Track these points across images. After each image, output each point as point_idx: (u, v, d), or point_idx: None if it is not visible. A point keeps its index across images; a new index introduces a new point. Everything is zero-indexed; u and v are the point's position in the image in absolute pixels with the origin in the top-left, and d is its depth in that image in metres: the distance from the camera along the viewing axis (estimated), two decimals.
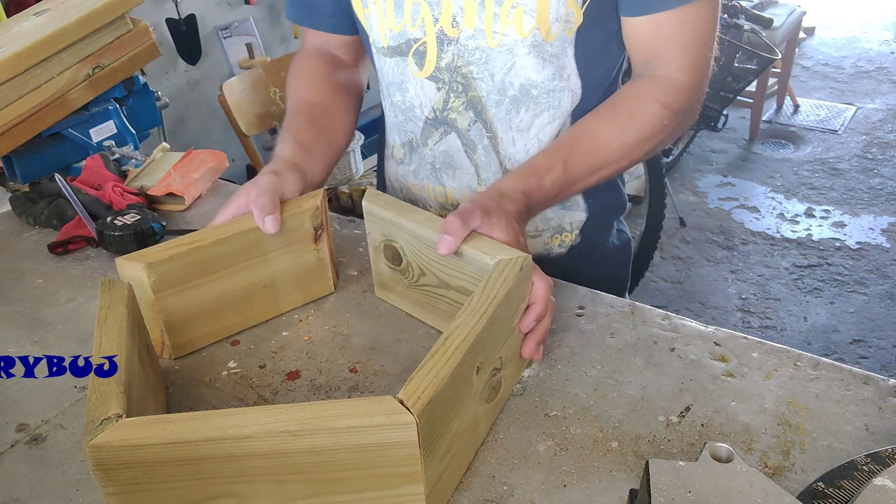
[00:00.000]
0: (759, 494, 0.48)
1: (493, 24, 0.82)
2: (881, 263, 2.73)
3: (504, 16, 0.81)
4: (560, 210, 0.96)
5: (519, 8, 0.80)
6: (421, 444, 0.51)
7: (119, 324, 0.62)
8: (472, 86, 0.87)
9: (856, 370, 0.69)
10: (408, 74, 0.89)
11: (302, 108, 0.94)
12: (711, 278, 2.72)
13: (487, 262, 0.67)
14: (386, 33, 0.88)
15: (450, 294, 0.74)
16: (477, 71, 0.85)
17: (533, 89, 0.86)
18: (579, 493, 0.58)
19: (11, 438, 0.68)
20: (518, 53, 0.83)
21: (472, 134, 0.90)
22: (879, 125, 3.74)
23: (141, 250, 0.73)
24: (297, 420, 0.50)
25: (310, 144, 0.88)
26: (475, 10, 0.81)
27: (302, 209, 0.79)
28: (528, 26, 0.81)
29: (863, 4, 5.39)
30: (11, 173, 1.19)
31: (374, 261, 0.82)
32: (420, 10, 0.84)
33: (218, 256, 0.75)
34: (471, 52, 0.84)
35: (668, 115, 0.82)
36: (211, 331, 0.78)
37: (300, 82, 0.98)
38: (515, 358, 0.68)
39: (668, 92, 0.82)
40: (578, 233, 0.99)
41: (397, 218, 0.74)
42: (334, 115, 0.95)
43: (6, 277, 0.95)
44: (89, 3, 1.17)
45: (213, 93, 2.87)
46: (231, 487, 0.53)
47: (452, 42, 0.84)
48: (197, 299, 0.76)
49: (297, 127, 0.90)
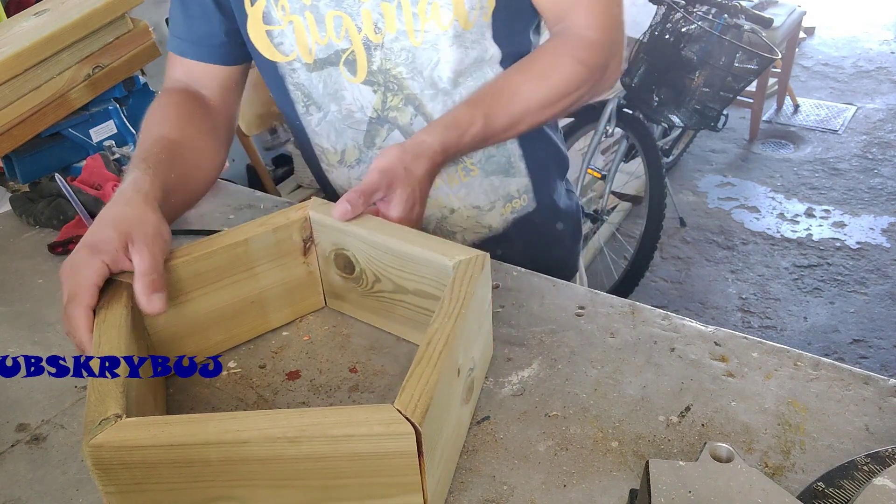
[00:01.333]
0: (759, 494, 0.48)
1: (413, 24, 0.84)
2: (881, 263, 2.73)
3: (422, 13, 0.83)
4: (504, 178, 0.99)
5: (435, 3, 0.82)
6: (420, 453, 0.50)
7: (118, 324, 0.62)
8: (404, 85, 0.89)
9: (856, 370, 0.69)
10: (342, 82, 0.90)
11: (162, 144, 0.81)
12: (711, 278, 2.72)
13: (446, 263, 0.66)
14: (313, 47, 0.87)
15: (407, 298, 0.73)
16: (406, 71, 0.88)
17: (461, 77, 0.89)
18: (579, 493, 0.58)
19: (12, 438, 0.68)
20: (441, 47, 0.85)
21: (415, 127, 0.92)
22: (880, 125, 3.74)
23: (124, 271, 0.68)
24: (295, 426, 0.50)
25: (169, 186, 0.76)
26: (394, 13, 0.83)
27: (290, 221, 0.75)
28: (447, 19, 0.83)
29: (863, 4, 5.39)
30: (11, 173, 1.19)
31: (324, 271, 0.80)
32: (343, 22, 0.85)
33: (203, 272, 0.72)
34: (397, 53, 0.86)
35: (585, 71, 0.84)
36: (198, 349, 0.75)
37: (160, 117, 0.86)
38: (484, 356, 0.69)
39: (581, 48, 0.84)
40: (531, 197, 1.03)
41: (347, 226, 0.73)
42: (197, 162, 0.85)
43: (6, 277, 0.95)
44: (89, 3, 1.16)
45: None
46: (229, 491, 0.53)
47: (378, 47, 0.86)
48: (182, 316, 0.72)
49: (157, 161, 0.77)
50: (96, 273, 0.64)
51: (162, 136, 0.82)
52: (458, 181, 0.98)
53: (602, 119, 2.50)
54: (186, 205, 0.83)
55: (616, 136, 2.57)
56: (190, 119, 0.87)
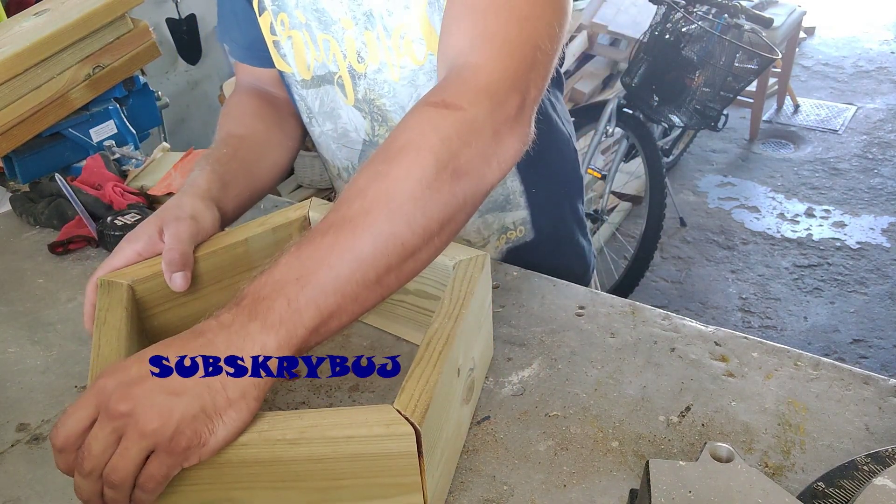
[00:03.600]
0: (759, 494, 0.48)
1: (391, 58, 0.80)
2: (881, 263, 2.73)
3: (396, 48, 0.78)
4: (500, 213, 0.92)
5: (407, 38, 0.77)
6: (420, 453, 0.50)
7: (118, 325, 0.62)
8: (388, 117, 0.85)
9: (856, 370, 0.69)
10: (338, 101, 0.88)
11: (228, 140, 0.85)
12: (711, 278, 2.72)
13: (446, 263, 0.67)
14: (311, 63, 0.86)
15: (408, 299, 0.73)
16: (389, 104, 0.84)
17: None
18: (579, 492, 0.58)
19: (12, 438, 0.68)
20: (419, 83, 0.81)
21: None
22: (880, 125, 3.74)
23: (124, 268, 0.69)
24: (294, 428, 0.50)
25: (229, 178, 0.79)
26: (376, 44, 0.80)
27: (289, 221, 0.76)
28: (421, 54, 0.78)
29: (863, 4, 5.39)
30: (12, 173, 1.19)
31: None
32: (330, 46, 0.83)
33: (204, 272, 0.72)
34: (380, 85, 0.83)
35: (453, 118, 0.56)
36: None
37: (228, 118, 0.89)
38: (484, 356, 0.69)
39: (444, 88, 0.59)
40: (528, 228, 0.94)
41: None
42: (261, 152, 0.87)
43: (6, 277, 0.95)
44: (89, 3, 1.17)
45: (214, 93, 2.87)
46: (228, 493, 0.52)
47: (362, 77, 0.83)
48: (183, 317, 0.72)
49: (218, 156, 0.81)
50: (124, 260, 0.69)
51: (227, 133, 0.86)
52: None
53: (602, 119, 2.50)
54: (253, 194, 0.84)
55: (616, 135, 2.57)
56: (255, 114, 0.90)
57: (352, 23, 0.79)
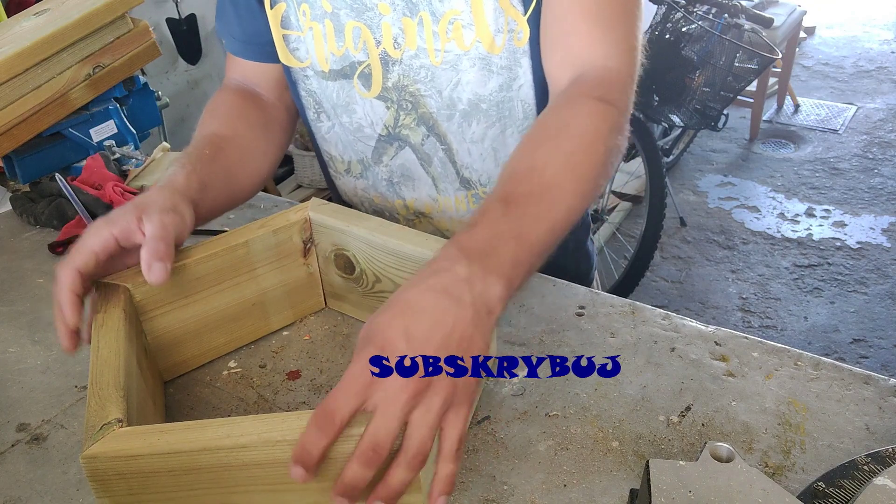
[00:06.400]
0: (759, 494, 0.48)
1: (433, 43, 0.79)
2: (882, 263, 2.73)
3: (443, 33, 0.79)
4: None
5: (457, 23, 0.78)
6: None
7: (116, 327, 0.62)
8: (421, 103, 0.84)
9: (856, 370, 0.69)
10: (354, 96, 0.87)
11: (212, 139, 0.82)
12: (712, 278, 2.72)
13: None
14: (328, 57, 0.85)
15: None
16: (424, 89, 0.83)
17: (481, 103, 0.83)
18: (580, 492, 0.58)
19: (12, 438, 0.68)
20: (462, 69, 0.81)
21: (427, 148, 0.88)
22: (880, 125, 3.74)
23: (124, 270, 0.69)
24: (293, 429, 0.49)
25: (209, 180, 0.77)
26: (415, 30, 0.79)
27: (290, 222, 0.75)
28: (469, 39, 0.78)
29: (863, 4, 5.39)
30: (12, 173, 1.19)
31: (324, 271, 0.80)
32: (361, 34, 0.82)
33: (204, 274, 0.72)
34: (416, 70, 0.82)
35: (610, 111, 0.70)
36: (199, 353, 0.75)
37: (214, 116, 0.87)
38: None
39: (594, 85, 0.71)
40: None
41: (348, 226, 0.73)
42: (244, 159, 0.85)
43: (6, 277, 0.95)
44: (89, 3, 1.17)
45: (214, 93, 2.87)
46: (227, 497, 0.52)
47: (397, 62, 0.82)
48: (184, 320, 0.72)
49: (200, 156, 0.79)
50: (101, 241, 0.65)
51: (210, 133, 0.84)
52: (465, 206, 0.92)
53: None
54: (231, 198, 0.82)
55: None
56: (241, 115, 0.88)
57: (390, 9, 0.79)
